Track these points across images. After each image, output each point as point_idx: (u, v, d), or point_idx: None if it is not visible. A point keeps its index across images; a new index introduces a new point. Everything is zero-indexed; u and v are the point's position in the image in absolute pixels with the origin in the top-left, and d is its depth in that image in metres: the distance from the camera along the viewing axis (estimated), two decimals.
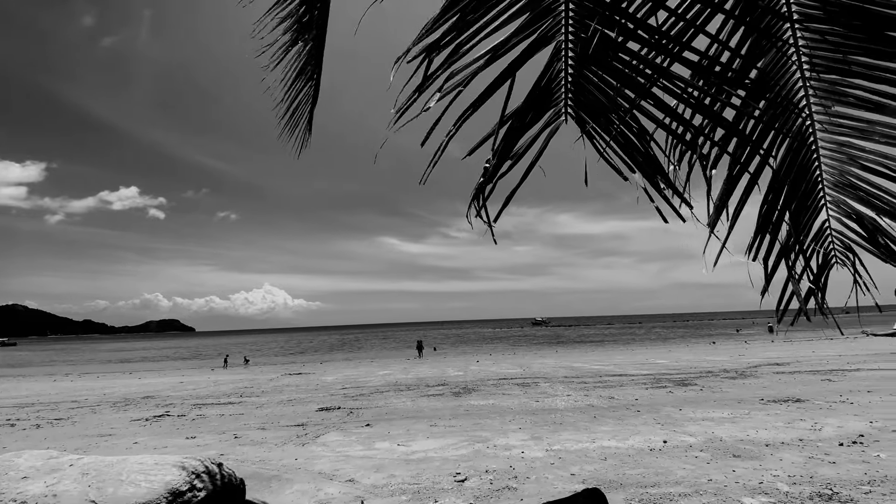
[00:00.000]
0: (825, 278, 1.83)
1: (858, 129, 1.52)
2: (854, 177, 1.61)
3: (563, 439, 5.37)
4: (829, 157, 1.65)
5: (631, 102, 1.58)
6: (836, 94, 1.51)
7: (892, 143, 1.47)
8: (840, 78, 1.46)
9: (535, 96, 1.68)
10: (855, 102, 1.48)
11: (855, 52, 1.38)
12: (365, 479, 4.13)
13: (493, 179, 1.73)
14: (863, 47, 1.34)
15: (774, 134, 1.66)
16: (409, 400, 9.42)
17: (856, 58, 1.39)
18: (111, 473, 3.10)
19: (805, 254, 1.76)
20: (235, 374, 21.51)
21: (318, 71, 2.42)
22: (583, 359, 19.88)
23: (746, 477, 3.74)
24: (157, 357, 50.55)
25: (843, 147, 1.59)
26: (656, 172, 1.62)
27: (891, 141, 1.46)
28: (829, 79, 1.49)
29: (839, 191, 1.67)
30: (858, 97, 1.46)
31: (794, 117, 1.64)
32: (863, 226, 1.63)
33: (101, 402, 11.47)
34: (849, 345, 20.15)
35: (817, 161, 1.68)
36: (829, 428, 5.34)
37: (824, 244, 1.77)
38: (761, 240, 1.77)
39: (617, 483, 3.73)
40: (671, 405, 7.40)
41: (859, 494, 3.24)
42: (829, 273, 1.84)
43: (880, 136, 1.48)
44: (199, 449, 5.73)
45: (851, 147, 1.57)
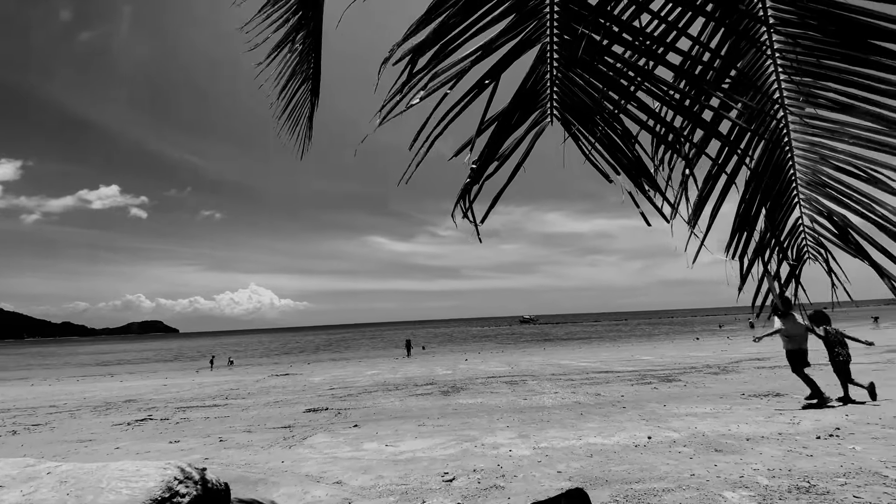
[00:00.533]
0: (798, 273, 1.88)
1: (829, 130, 1.57)
2: (826, 176, 1.65)
3: (550, 437, 5.41)
4: (802, 157, 1.70)
5: (615, 104, 1.60)
6: (808, 97, 1.55)
7: (861, 144, 1.51)
8: (813, 81, 1.50)
9: (520, 97, 1.69)
10: (826, 104, 1.52)
11: (827, 56, 1.41)
12: (352, 481, 4.12)
13: (479, 180, 1.73)
14: (834, 51, 1.38)
15: (751, 135, 1.70)
16: (398, 400, 9.41)
17: (827, 62, 1.42)
18: (91, 481, 3.03)
19: (780, 250, 1.81)
20: (221, 375, 21.22)
21: (317, 70, 2.38)
22: (570, 356, 20.06)
23: (728, 471, 3.82)
24: (139, 359, 49.58)
25: (816, 147, 1.63)
26: (640, 174, 1.65)
27: (859, 142, 1.51)
28: (802, 81, 1.53)
29: (812, 189, 1.72)
30: (830, 99, 1.51)
31: (770, 118, 1.68)
32: (834, 223, 1.68)
33: (81, 407, 11.21)
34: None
35: (791, 161, 1.72)
36: (806, 422, 5.48)
37: (797, 241, 1.82)
38: (739, 237, 1.81)
39: (602, 480, 3.78)
40: (656, 401, 7.52)
41: (835, 487, 3.34)
42: (802, 268, 1.89)
43: (850, 137, 1.53)
44: (182, 453, 5.64)
45: (823, 147, 1.61)
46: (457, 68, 1.62)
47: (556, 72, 1.70)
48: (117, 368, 35.70)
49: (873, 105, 1.40)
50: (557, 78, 1.71)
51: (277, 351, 52.61)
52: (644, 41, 1.52)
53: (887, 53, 1.25)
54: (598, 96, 1.64)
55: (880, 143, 1.46)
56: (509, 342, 43.84)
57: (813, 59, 1.45)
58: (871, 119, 1.43)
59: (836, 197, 1.63)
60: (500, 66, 1.64)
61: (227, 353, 42.83)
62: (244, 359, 39.63)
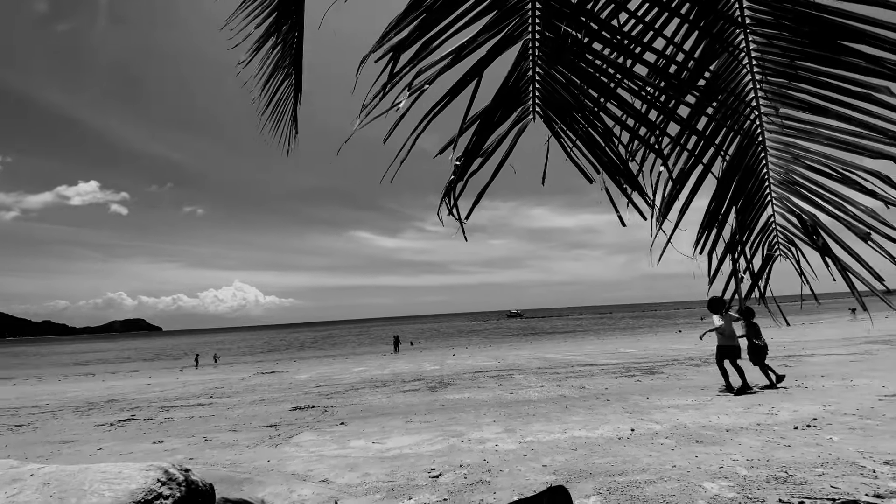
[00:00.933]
0: (769, 270, 1.93)
1: (803, 131, 1.61)
2: (798, 175, 1.69)
3: (535, 431, 5.47)
4: (775, 157, 1.74)
5: (595, 102, 1.62)
6: (783, 97, 1.58)
7: (834, 145, 1.55)
8: (787, 82, 1.54)
9: (503, 95, 1.69)
10: (800, 105, 1.56)
11: (801, 58, 1.44)
12: (339, 479, 4.11)
13: (463, 177, 1.74)
14: (808, 52, 1.41)
15: (725, 133, 1.73)
16: (385, 396, 9.41)
17: (802, 63, 1.45)
18: (73, 483, 2.98)
19: (750, 248, 1.85)
20: (205, 374, 20.97)
21: (299, 65, 2.35)
22: (556, 350, 20.26)
23: (708, 462, 3.91)
24: (121, 358, 48.73)
25: (789, 147, 1.67)
26: (619, 172, 1.67)
27: (832, 143, 1.55)
28: (777, 82, 1.56)
29: (784, 188, 1.76)
30: (803, 101, 1.54)
31: (744, 118, 1.71)
32: (803, 222, 1.73)
33: (64, 407, 10.99)
34: (804, 331, 21.22)
35: (765, 160, 1.76)
36: (784, 412, 5.62)
37: (769, 238, 1.87)
38: (707, 234, 1.85)
39: (586, 473, 3.83)
40: (639, 393, 7.64)
41: (812, 476, 3.44)
42: (772, 265, 1.94)
43: (823, 137, 1.57)
44: (166, 454, 5.57)
45: (796, 147, 1.65)
46: (439, 66, 1.61)
47: (538, 69, 1.71)
48: (99, 368, 35.05)
49: (845, 107, 1.44)
50: (539, 75, 1.72)
51: (263, 348, 52.16)
52: (622, 40, 1.54)
53: (857, 54, 1.28)
54: (578, 93, 1.65)
55: (852, 145, 1.50)
56: (496, 336, 44.10)
57: (787, 61, 1.48)
58: (843, 120, 1.46)
59: (808, 196, 1.67)
60: (482, 63, 1.64)
61: (211, 352, 42.32)
62: (229, 357, 39.22)
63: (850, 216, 1.59)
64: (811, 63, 1.45)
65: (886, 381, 7.24)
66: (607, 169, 1.66)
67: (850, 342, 14.23)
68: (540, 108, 1.71)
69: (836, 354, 11.42)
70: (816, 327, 23.63)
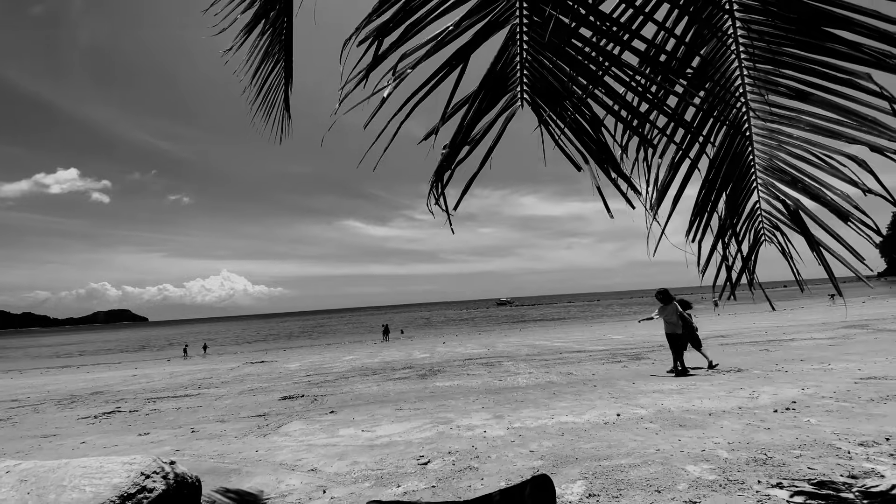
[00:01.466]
0: (755, 255, 1.95)
1: (787, 118, 1.61)
2: (782, 161, 1.70)
3: (523, 417, 5.53)
4: (760, 144, 1.74)
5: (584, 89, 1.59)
6: (769, 84, 1.58)
7: (816, 131, 1.56)
8: (773, 69, 1.53)
9: (490, 81, 1.65)
10: (785, 92, 1.55)
11: (786, 44, 1.44)
12: (328, 468, 4.12)
13: (451, 166, 1.70)
14: (793, 39, 1.40)
15: (713, 122, 1.73)
16: (375, 384, 9.43)
17: (787, 49, 1.45)
18: (52, 479, 2.93)
19: (738, 234, 1.86)
20: (193, 364, 20.81)
21: (289, 51, 2.26)
22: (545, 337, 20.48)
23: (690, 445, 3.99)
24: (106, 349, 48.07)
25: (774, 134, 1.68)
26: (607, 160, 1.65)
27: (814, 129, 1.56)
28: (763, 69, 1.56)
29: (769, 174, 1.77)
30: (788, 87, 1.54)
31: (731, 106, 1.71)
32: (787, 206, 1.74)
33: (45, 401, 10.82)
34: (785, 316, 21.74)
35: (750, 147, 1.76)
36: (765, 396, 5.76)
37: (755, 224, 1.88)
38: (699, 222, 1.86)
39: (573, 457, 3.89)
40: (625, 379, 7.77)
41: (790, 458, 3.53)
42: (759, 250, 1.96)
43: (805, 124, 1.57)
44: (153, 446, 5.52)
45: (781, 134, 1.66)
46: (425, 49, 1.56)
47: (525, 55, 1.67)
48: (83, 359, 34.55)
49: (827, 92, 1.44)
50: (527, 61, 1.68)
51: (252, 338, 51.86)
52: (611, 26, 1.51)
53: (839, 40, 1.28)
54: (567, 80, 1.62)
55: (830, 131, 1.51)
56: (486, 324, 44.41)
57: (773, 47, 1.47)
58: (826, 107, 1.46)
59: (791, 182, 1.69)
60: (468, 47, 1.59)
61: (199, 342, 41.97)
62: (218, 347, 38.93)
63: (829, 201, 1.60)
64: (796, 49, 1.45)
65: (863, 365, 7.45)
66: (595, 157, 1.64)
67: (828, 327, 14.62)
68: (528, 94, 1.67)
69: (815, 339, 11.72)
70: (797, 312, 24.21)
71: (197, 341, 43.72)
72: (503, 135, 1.69)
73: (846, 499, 1.64)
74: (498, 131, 1.70)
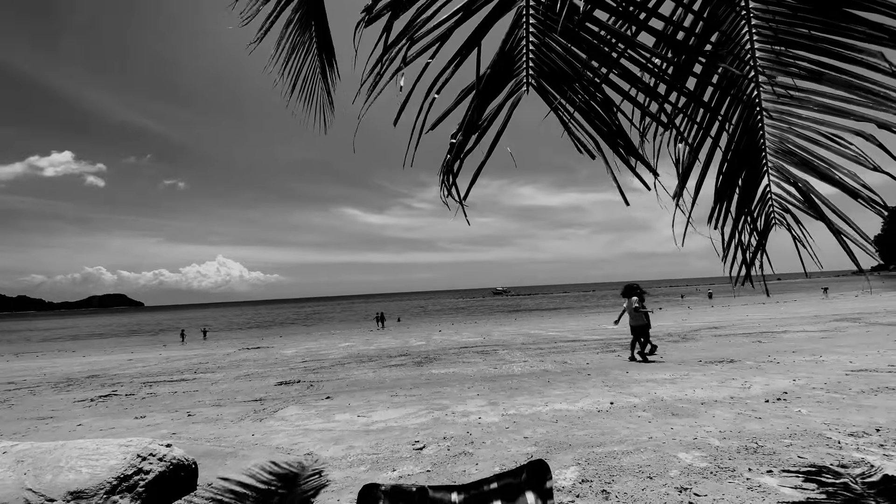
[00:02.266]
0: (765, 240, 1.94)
1: (797, 99, 1.60)
2: (792, 143, 1.69)
3: (518, 404, 5.58)
4: (771, 126, 1.73)
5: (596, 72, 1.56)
6: (780, 65, 1.56)
7: (824, 110, 1.55)
8: (785, 49, 1.51)
9: (498, 65, 1.62)
10: (797, 73, 1.54)
11: (801, 24, 1.42)
12: (323, 452, 4.15)
13: (460, 155, 1.68)
14: (809, 18, 1.39)
15: (729, 101, 1.71)
16: (371, 371, 9.48)
17: (801, 29, 1.43)
18: (49, 460, 2.94)
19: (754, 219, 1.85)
20: (189, 349, 20.84)
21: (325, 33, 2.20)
22: (540, 326, 20.59)
23: (683, 434, 4.04)
24: (102, 333, 48.05)
25: (784, 115, 1.66)
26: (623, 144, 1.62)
27: (823, 109, 1.55)
28: (775, 50, 1.54)
29: (779, 157, 1.76)
30: (801, 67, 1.52)
31: (745, 86, 1.69)
32: (798, 189, 1.73)
33: (41, 383, 10.83)
34: (778, 309, 21.92)
35: (762, 129, 1.75)
36: (757, 386, 5.83)
37: (766, 209, 1.87)
38: (720, 208, 1.84)
39: (566, 444, 3.94)
40: (619, 368, 7.84)
41: (781, 447, 3.58)
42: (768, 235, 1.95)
43: (814, 104, 1.56)
44: (149, 429, 5.55)
45: (791, 115, 1.65)
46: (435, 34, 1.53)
47: (532, 38, 1.64)
48: (79, 343, 34.53)
49: (838, 72, 1.43)
50: (534, 44, 1.65)
51: (248, 324, 51.92)
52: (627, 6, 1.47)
53: (860, 21, 1.26)
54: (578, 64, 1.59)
55: (841, 110, 1.50)
56: (482, 313, 44.60)
57: (787, 27, 1.45)
58: (836, 86, 1.45)
59: (801, 163, 1.68)
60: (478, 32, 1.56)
61: (195, 327, 41.98)
62: (213, 332, 38.97)
63: (837, 181, 1.60)
64: (812, 29, 1.42)
65: (853, 357, 7.55)
66: (608, 140, 1.62)
67: (820, 319, 14.76)
68: (534, 79, 1.65)
69: (807, 331, 11.84)
70: (790, 305, 24.42)
71: (192, 327, 43.76)
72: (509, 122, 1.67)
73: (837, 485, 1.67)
74: (504, 118, 1.68)
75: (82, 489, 2.69)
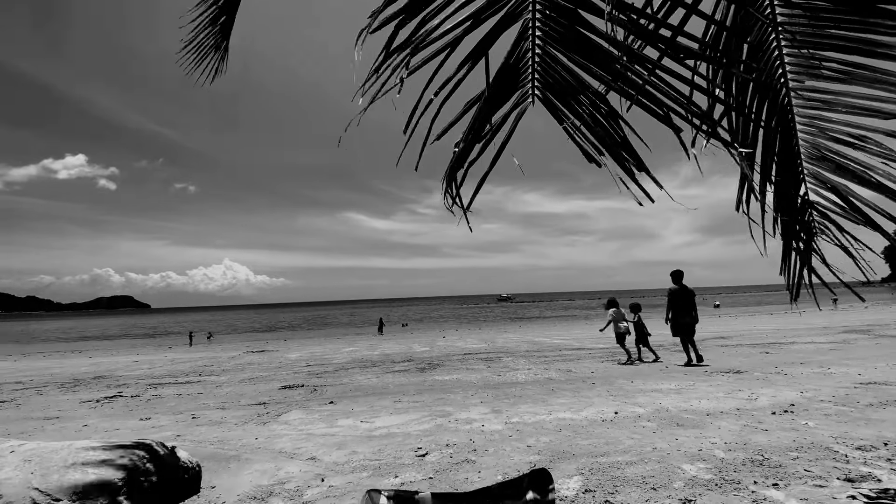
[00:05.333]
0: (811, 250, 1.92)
1: (826, 102, 1.59)
2: (825, 148, 1.68)
3: (521, 412, 5.56)
4: (803, 132, 1.72)
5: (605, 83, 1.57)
6: (809, 68, 1.56)
7: (854, 111, 1.54)
8: (814, 52, 1.51)
9: (502, 77, 1.64)
10: (826, 75, 1.53)
11: (831, 25, 1.42)
12: (326, 457, 4.16)
13: (463, 164, 1.69)
14: (840, 19, 1.38)
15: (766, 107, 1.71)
16: (375, 376, 9.48)
17: (831, 30, 1.43)
18: (56, 459, 2.97)
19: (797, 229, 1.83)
20: (195, 352, 20.95)
21: None
22: (544, 333, 20.51)
23: (688, 445, 4.01)
24: (109, 335, 48.40)
25: (815, 120, 1.66)
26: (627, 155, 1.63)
27: (852, 110, 1.54)
28: (803, 54, 1.54)
29: (814, 163, 1.75)
30: (830, 69, 1.52)
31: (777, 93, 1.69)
32: (838, 194, 1.71)
33: (48, 383, 10.92)
34: (787, 319, 21.69)
35: (795, 137, 1.74)
36: (763, 398, 5.77)
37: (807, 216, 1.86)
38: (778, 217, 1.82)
39: (570, 453, 3.92)
40: (624, 377, 7.78)
41: (787, 460, 3.54)
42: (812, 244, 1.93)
43: (843, 106, 1.56)
44: (153, 430, 5.58)
45: (821, 119, 1.64)
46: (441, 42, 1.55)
47: (538, 50, 1.66)
48: (86, 344, 34.81)
49: (867, 69, 1.42)
50: (539, 56, 1.67)
51: (253, 328, 52.11)
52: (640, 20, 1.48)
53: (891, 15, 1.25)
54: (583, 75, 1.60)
55: (868, 109, 1.49)
56: (487, 320, 44.48)
57: (815, 29, 1.45)
58: (868, 84, 1.44)
59: (835, 167, 1.66)
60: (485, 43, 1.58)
61: (201, 330, 42.19)
62: (219, 336, 39.13)
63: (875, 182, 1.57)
64: (842, 29, 1.42)
65: (862, 370, 7.45)
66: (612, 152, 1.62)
67: (829, 331, 14.58)
68: (539, 90, 1.66)
69: (815, 343, 11.70)
70: (798, 316, 24.15)
71: (198, 330, 43.99)
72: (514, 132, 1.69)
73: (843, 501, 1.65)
74: (509, 129, 1.69)
75: (88, 489, 2.71)
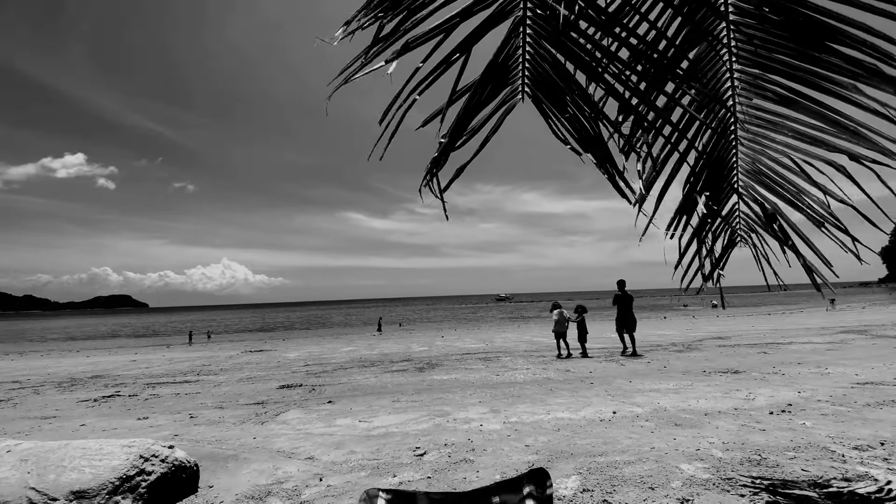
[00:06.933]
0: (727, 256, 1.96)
1: (772, 123, 1.62)
2: (764, 165, 1.71)
3: (520, 412, 5.56)
4: (744, 147, 1.75)
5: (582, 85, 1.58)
6: (756, 88, 1.58)
7: (798, 137, 1.57)
8: (761, 73, 1.53)
9: (491, 72, 1.64)
10: (772, 97, 1.56)
11: (779, 51, 1.44)
12: (324, 457, 4.16)
13: (446, 155, 1.70)
14: (787, 46, 1.40)
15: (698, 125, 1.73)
16: (373, 376, 9.48)
17: (778, 56, 1.45)
18: (52, 459, 2.96)
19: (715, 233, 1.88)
20: (193, 351, 20.91)
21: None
22: (543, 333, 20.51)
23: (685, 444, 4.02)
24: (106, 334, 48.29)
25: (758, 138, 1.68)
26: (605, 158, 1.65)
27: (796, 136, 1.56)
28: (752, 73, 1.56)
29: (750, 177, 1.78)
30: (775, 92, 1.54)
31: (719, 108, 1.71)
32: (764, 210, 1.75)
33: (45, 383, 10.90)
34: (784, 320, 21.74)
35: (735, 149, 1.77)
36: (761, 398, 5.78)
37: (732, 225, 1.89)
38: (679, 219, 1.86)
39: (568, 453, 3.92)
40: (622, 377, 7.80)
41: (785, 460, 3.55)
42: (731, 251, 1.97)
43: (789, 130, 1.58)
44: (151, 430, 5.57)
45: (764, 138, 1.67)
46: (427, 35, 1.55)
47: (528, 47, 1.66)
48: (83, 343, 34.72)
49: (815, 103, 1.45)
50: (530, 54, 1.67)
51: (251, 327, 52.04)
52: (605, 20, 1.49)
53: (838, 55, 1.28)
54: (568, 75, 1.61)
55: (814, 139, 1.51)
56: (485, 319, 44.48)
57: (765, 52, 1.47)
58: (810, 114, 1.47)
59: (771, 186, 1.69)
60: (472, 38, 1.58)
61: (200, 330, 42.13)
62: (217, 335, 39.07)
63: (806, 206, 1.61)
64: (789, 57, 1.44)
65: (859, 370, 7.47)
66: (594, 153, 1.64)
67: (826, 331, 14.62)
68: (529, 87, 1.67)
69: (812, 343, 11.73)
70: (796, 316, 24.21)
71: (198, 330, 43.92)
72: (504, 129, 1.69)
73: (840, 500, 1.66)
74: (495, 123, 1.69)
75: (85, 489, 2.70)
